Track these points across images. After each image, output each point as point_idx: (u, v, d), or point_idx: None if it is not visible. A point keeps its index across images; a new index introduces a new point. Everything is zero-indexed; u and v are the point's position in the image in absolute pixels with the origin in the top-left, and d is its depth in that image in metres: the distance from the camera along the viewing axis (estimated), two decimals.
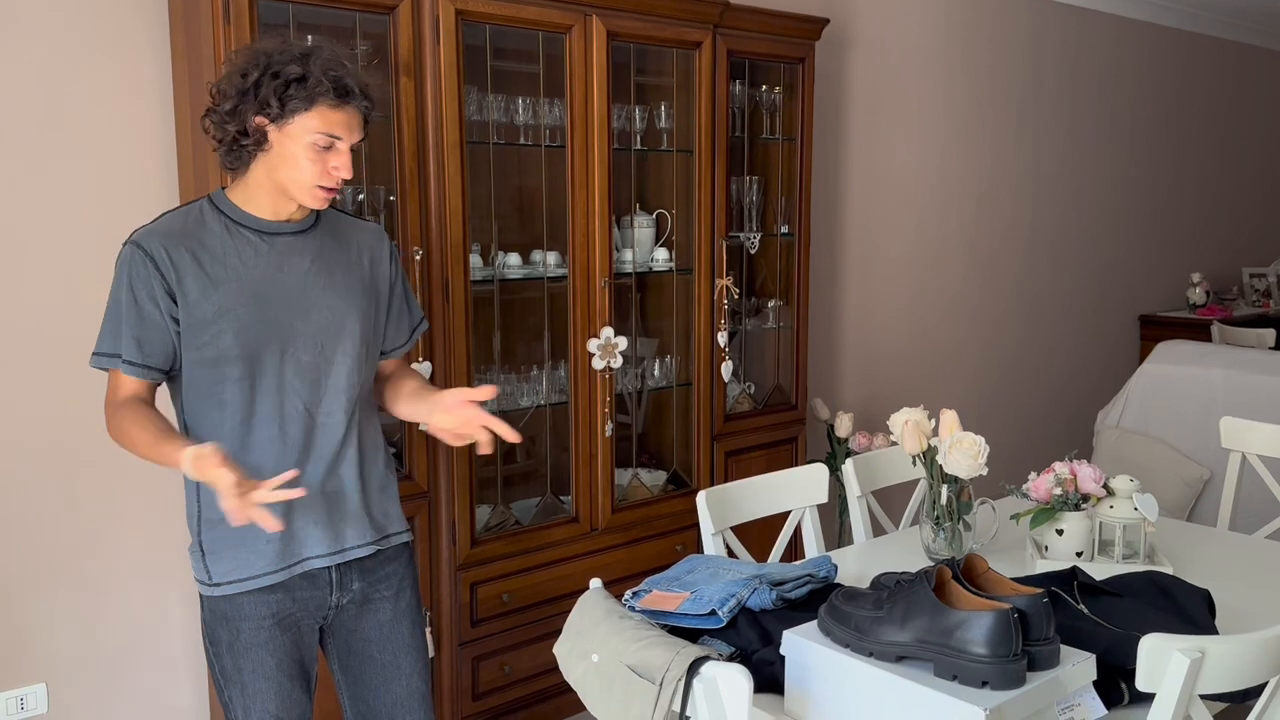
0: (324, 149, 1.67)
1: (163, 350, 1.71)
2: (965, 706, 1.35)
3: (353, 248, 1.85)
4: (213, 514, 1.74)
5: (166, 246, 1.68)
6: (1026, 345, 4.88)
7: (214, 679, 1.82)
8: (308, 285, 1.75)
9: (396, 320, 1.92)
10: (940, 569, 1.50)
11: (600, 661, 1.57)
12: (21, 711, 2.50)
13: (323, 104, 1.65)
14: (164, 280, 1.67)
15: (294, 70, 1.63)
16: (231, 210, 1.74)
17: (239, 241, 1.72)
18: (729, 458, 3.31)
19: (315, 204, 1.72)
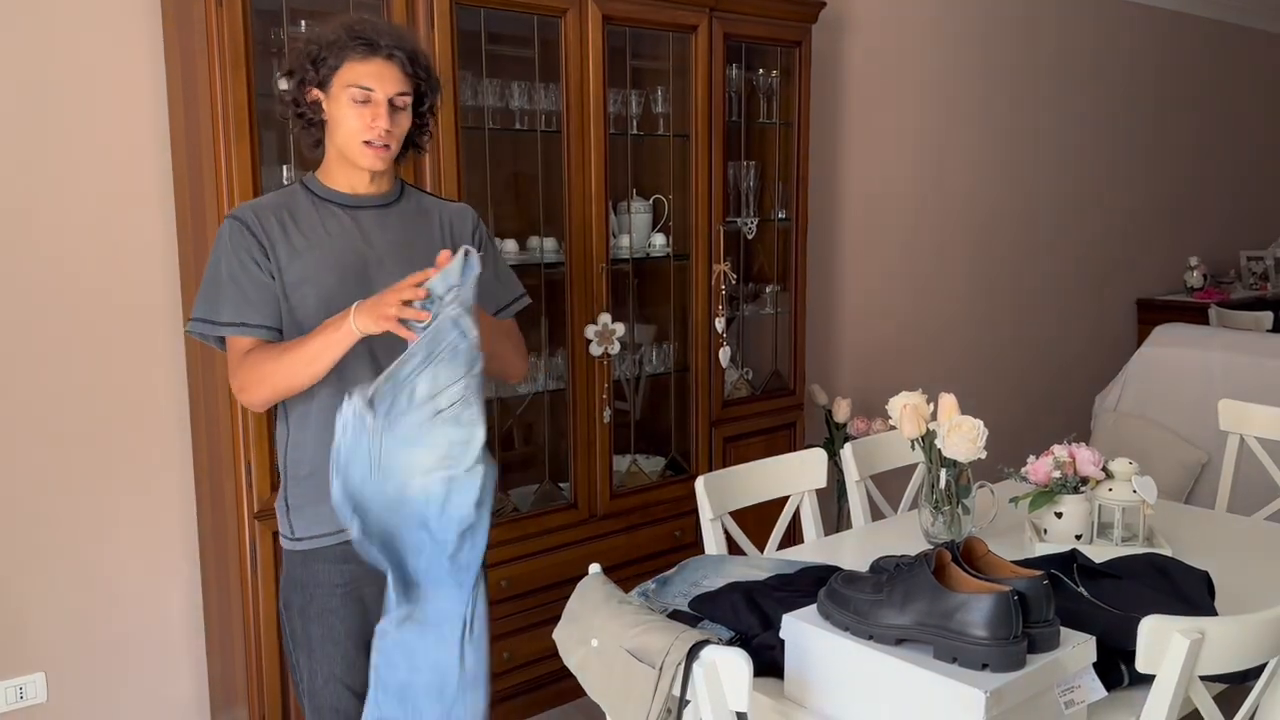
0: (362, 103, 1.75)
1: (273, 308, 1.78)
2: (965, 689, 1.35)
3: (435, 223, 1.91)
4: (299, 470, 1.83)
5: (259, 215, 1.79)
6: (1024, 329, 4.88)
7: (284, 640, 1.92)
8: (388, 257, 1.82)
9: (482, 295, 1.90)
10: (940, 552, 1.50)
11: (600, 646, 1.56)
12: (21, 701, 2.50)
13: (350, 59, 1.74)
14: (260, 245, 1.77)
15: (327, 36, 1.75)
16: (317, 187, 1.84)
17: (324, 214, 1.82)
18: (727, 443, 3.30)
19: (366, 162, 1.78)
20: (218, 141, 2.31)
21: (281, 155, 2.48)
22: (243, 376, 1.78)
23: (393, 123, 1.77)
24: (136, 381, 2.59)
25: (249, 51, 2.29)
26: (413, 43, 1.81)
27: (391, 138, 1.78)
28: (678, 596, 1.90)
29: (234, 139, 2.29)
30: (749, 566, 2.03)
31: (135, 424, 2.60)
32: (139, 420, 2.61)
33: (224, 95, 2.28)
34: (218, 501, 2.56)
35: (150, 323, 2.60)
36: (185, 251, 2.57)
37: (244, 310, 1.77)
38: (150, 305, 2.59)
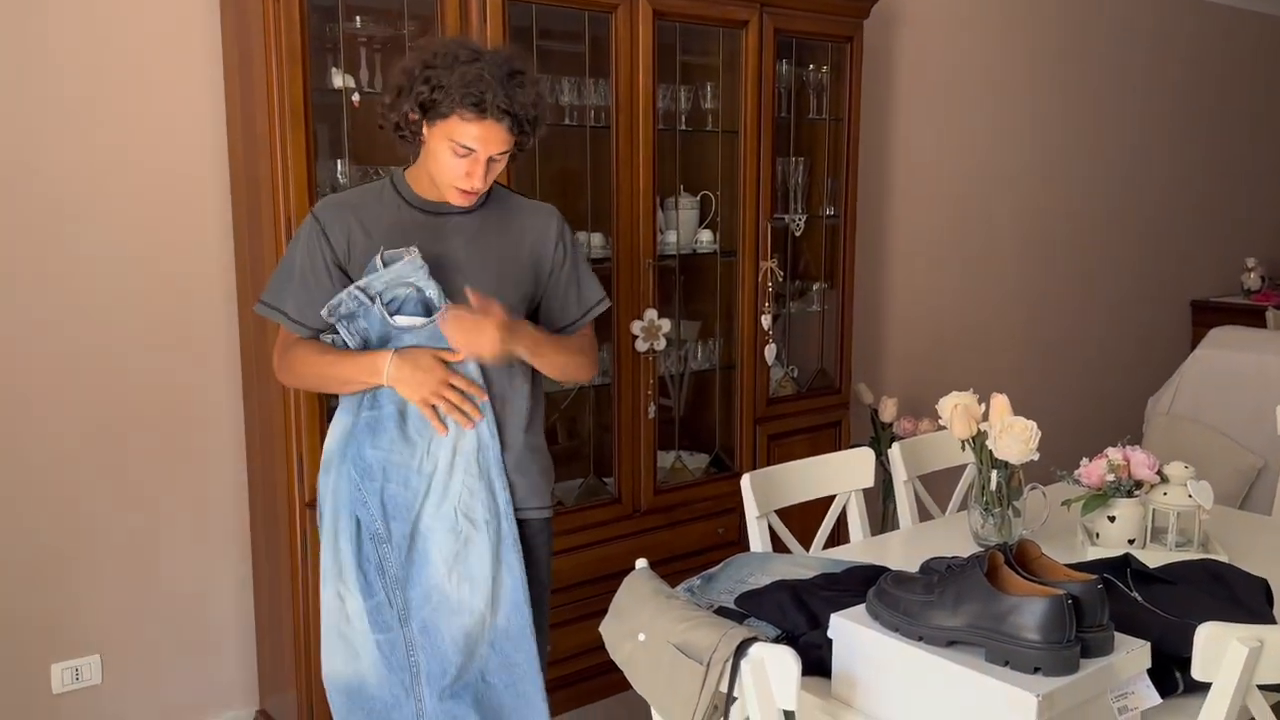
0: (463, 156, 1.75)
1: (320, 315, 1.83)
2: (1017, 692, 1.33)
3: (515, 229, 1.91)
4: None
5: (340, 217, 1.83)
6: (1076, 330, 4.80)
7: None
8: (462, 263, 1.83)
9: (562, 300, 1.95)
10: (993, 554, 1.48)
11: (647, 641, 1.57)
12: (77, 682, 2.56)
13: (459, 114, 1.72)
14: (334, 252, 1.82)
15: (441, 77, 1.71)
16: (404, 189, 1.86)
17: (405, 217, 1.84)
18: (771, 441, 3.29)
19: (456, 201, 1.81)
20: (273, 134, 2.34)
21: (335, 149, 2.51)
22: (282, 362, 1.87)
23: (488, 173, 1.79)
24: (191, 371, 2.64)
25: (305, 46, 2.32)
26: (524, 101, 1.75)
27: (485, 185, 1.80)
28: (723, 593, 1.90)
29: (289, 132, 2.32)
30: (795, 565, 2.03)
31: (189, 412, 2.65)
32: (193, 409, 2.65)
33: (280, 89, 2.31)
34: (269, 490, 2.59)
35: (205, 314, 2.64)
36: (240, 244, 2.61)
37: (305, 311, 1.83)
38: (205, 297, 2.64)
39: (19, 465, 2.45)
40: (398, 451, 1.78)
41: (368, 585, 1.80)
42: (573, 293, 1.96)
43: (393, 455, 1.78)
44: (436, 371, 1.75)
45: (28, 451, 2.45)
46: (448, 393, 1.76)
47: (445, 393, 1.76)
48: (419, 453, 1.79)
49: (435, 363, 1.75)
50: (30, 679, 2.50)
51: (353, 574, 1.80)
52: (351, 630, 1.81)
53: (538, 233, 1.92)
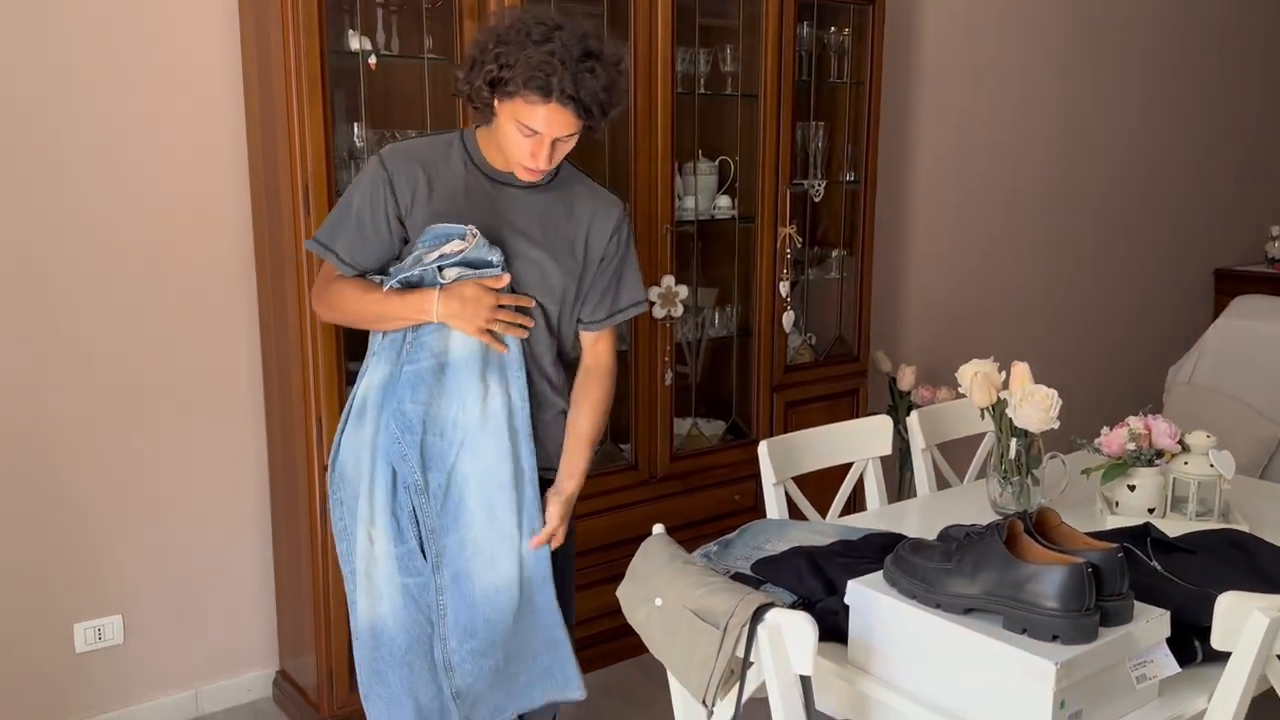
0: (529, 136, 1.74)
1: (374, 258, 1.85)
2: (1035, 660, 1.33)
3: (577, 212, 1.89)
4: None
5: (408, 169, 1.81)
6: (1097, 299, 4.76)
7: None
8: (516, 235, 1.82)
9: (599, 294, 1.92)
10: (1012, 521, 1.47)
11: (664, 605, 1.57)
12: (100, 642, 2.59)
13: (526, 95, 1.70)
14: (397, 205, 1.81)
15: (511, 55, 1.69)
16: (474, 151, 1.86)
17: (470, 179, 1.84)
18: (789, 409, 3.28)
19: (522, 176, 1.81)
20: (290, 98, 2.33)
21: (353, 112, 2.50)
22: (323, 294, 1.89)
23: (554, 154, 1.78)
24: (211, 335, 2.65)
25: (322, 11, 2.30)
26: (593, 88, 1.71)
27: (551, 165, 1.79)
28: (739, 559, 1.90)
29: (306, 96, 2.31)
30: (812, 532, 2.02)
31: (210, 377, 2.66)
32: (214, 373, 2.66)
33: (297, 52, 2.29)
34: (288, 455, 2.61)
35: (224, 277, 2.65)
36: (258, 208, 2.61)
37: (355, 252, 1.84)
38: (224, 260, 2.64)
39: (43, 429, 2.47)
40: (435, 404, 1.80)
41: (399, 532, 1.82)
42: (610, 291, 1.94)
43: (431, 408, 1.80)
44: (485, 299, 1.76)
45: (51, 416, 2.47)
46: (500, 314, 1.78)
47: (497, 315, 1.78)
48: (455, 406, 1.80)
49: (480, 290, 1.76)
50: (54, 638, 2.54)
51: (385, 519, 1.82)
52: (378, 573, 1.83)
53: (598, 221, 1.90)
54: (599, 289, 1.93)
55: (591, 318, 1.95)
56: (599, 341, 1.97)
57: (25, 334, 2.42)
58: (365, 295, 1.83)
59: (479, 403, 1.80)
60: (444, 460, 1.81)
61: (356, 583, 1.86)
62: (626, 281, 1.97)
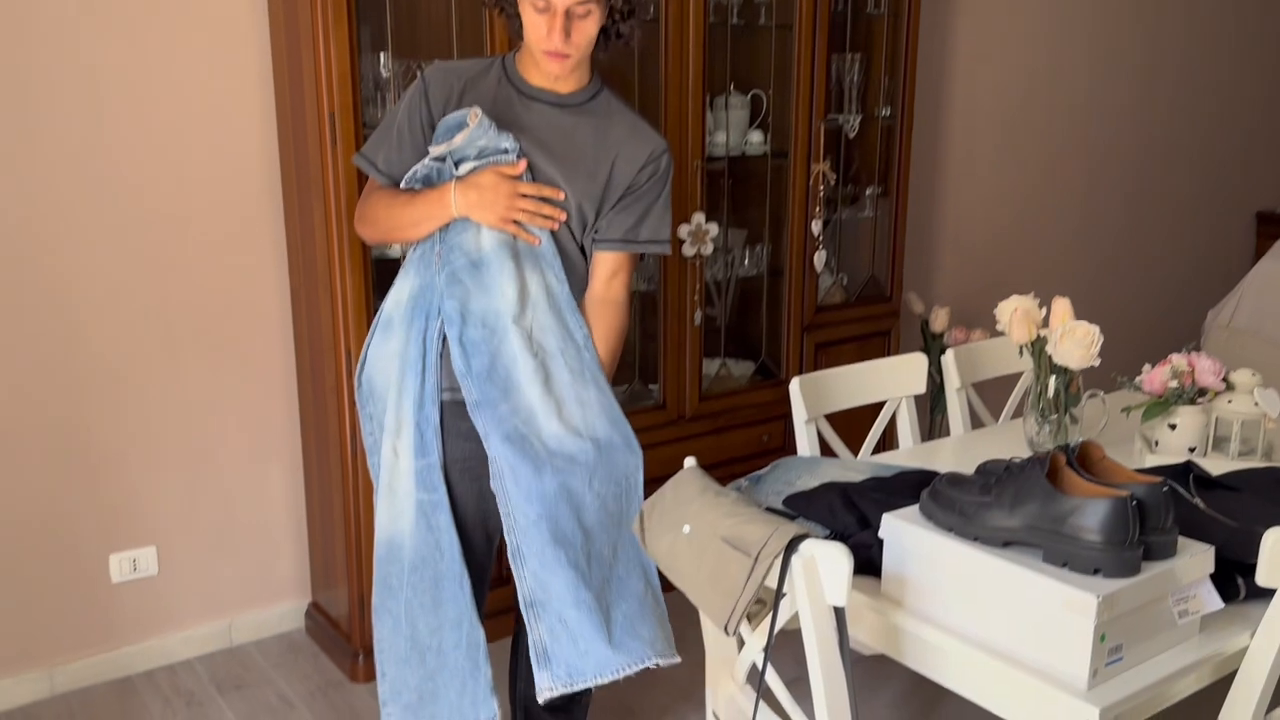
0: (542, 12, 1.71)
1: (410, 168, 1.82)
2: (1076, 593, 1.30)
3: (608, 138, 1.83)
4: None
5: (445, 80, 1.82)
6: (1135, 240, 4.66)
7: None
8: (535, 147, 1.79)
9: (619, 215, 1.85)
10: (1055, 454, 1.44)
11: (692, 533, 1.55)
12: (134, 572, 2.63)
13: None
14: (430, 113, 1.81)
15: None
16: (511, 70, 1.85)
17: (503, 93, 1.82)
18: (819, 350, 3.24)
19: (547, 67, 1.77)
20: (316, 28, 2.29)
21: (378, 42, 2.45)
22: (362, 209, 1.89)
23: (573, 32, 1.72)
24: (239, 265, 2.64)
25: None
26: None
27: (572, 46, 1.73)
28: (771, 495, 1.88)
29: (333, 24, 2.27)
30: (844, 469, 2.00)
31: (238, 308, 2.66)
32: (241, 304, 2.66)
33: None
34: (318, 386, 2.61)
35: (251, 211, 2.63)
36: (285, 139, 2.58)
37: (392, 163, 1.84)
38: (252, 190, 2.62)
39: (78, 363, 2.47)
40: (473, 299, 1.78)
41: (423, 445, 1.80)
42: (632, 218, 1.86)
43: (470, 303, 1.78)
44: (503, 186, 1.73)
45: (85, 350, 2.48)
46: (522, 203, 1.75)
47: (519, 204, 1.75)
48: (494, 298, 1.77)
49: (498, 178, 1.73)
50: (90, 569, 2.57)
51: (410, 432, 1.80)
52: (400, 486, 1.82)
53: (629, 149, 1.84)
54: (620, 212, 1.85)
55: (605, 234, 1.86)
56: (615, 275, 1.89)
57: (55, 268, 2.42)
58: (394, 199, 1.81)
59: (516, 293, 1.77)
60: (485, 346, 1.78)
61: (379, 495, 1.85)
62: (653, 217, 1.90)
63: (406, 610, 1.82)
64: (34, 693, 2.54)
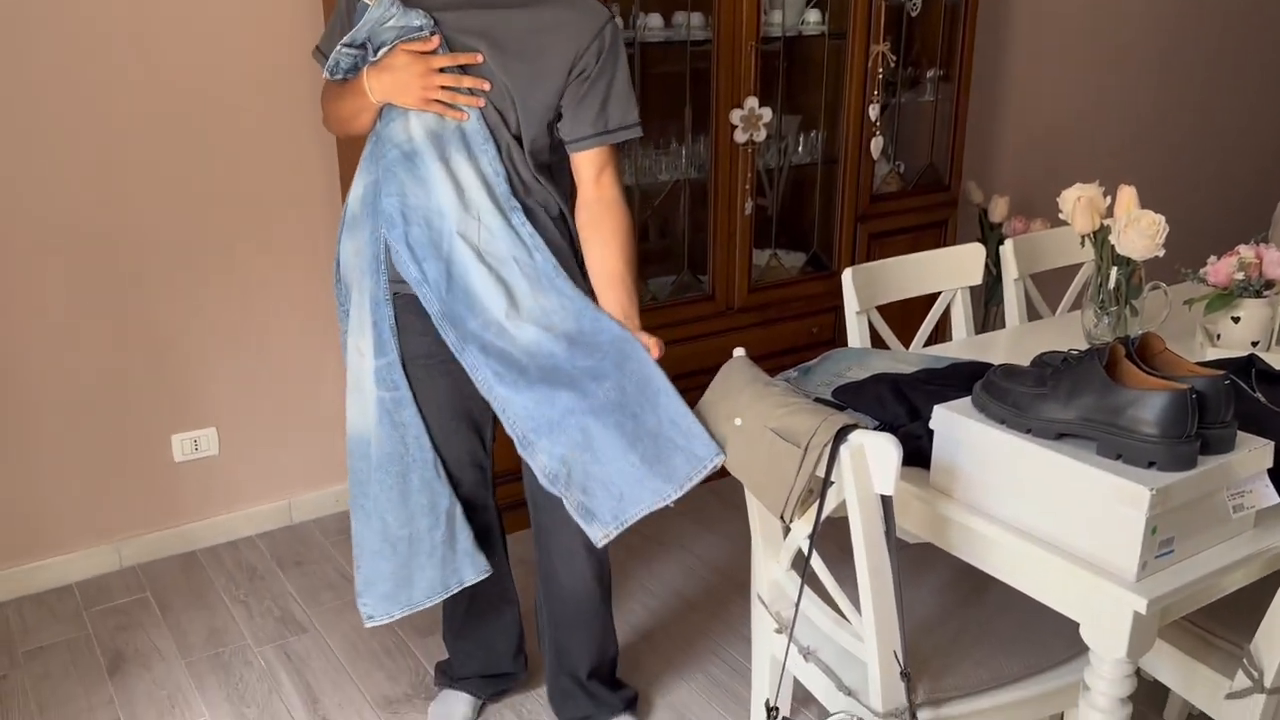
0: None
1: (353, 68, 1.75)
2: (1129, 485, 1.29)
3: (562, 23, 1.70)
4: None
5: None
6: (1206, 130, 4.47)
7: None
8: (501, 44, 1.68)
9: (580, 109, 1.73)
10: (1114, 346, 1.41)
11: (743, 425, 1.56)
12: (196, 452, 2.71)
13: None
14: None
15: None
16: None
17: None
18: (872, 240, 3.18)
19: None
20: None
21: None
22: (322, 104, 1.85)
23: None
24: (289, 157, 2.63)
25: None
26: None
27: None
28: (820, 386, 1.87)
29: None
30: (895, 360, 1.98)
31: (289, 198, 2.66)
32: (292, 194, 2.66)
33: None
34: None
35: (300, 97, 2.61)
36: None
37: (332, 62, 1.74)
38: (299, 80, 2.59)
39: (136, 251, 2.51)
40: (411, 195, 1.71)
41: (381, 344, 1.77)
42: (593, 108, 1.74)
43: (408, 199, 1.72)
44: (415, 65, 1.64)
45: (143, 238, 2.51)
46: (437, 79, 1.65)
47: (434, 80, 1.65)
48: (430, 193, 1.71)
49: (410, 57, 1.65)
50: (153, 448, 2.65)
51: (370, 331, 1.78)
52: (364, 384, 1.80)
53: (575, 29, 1.71)
54: (580, 105, 1.73)
55: (573, 134, 1.75)
56: (602, 172, 1.77)
57: (110, 158, 2.43)
58: (333, 94, 1.77)
59: (454, 191, 1.71)
60: (436, 249, 1.72)
61: (349, 392, 1.83)
62: (615, 100, 1.75)
63: (375, 505, 1.82)
64: (104, 565, 2.66)
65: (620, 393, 1.71)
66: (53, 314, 2.46)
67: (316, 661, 2.32)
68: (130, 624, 2.46)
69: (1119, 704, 1.41)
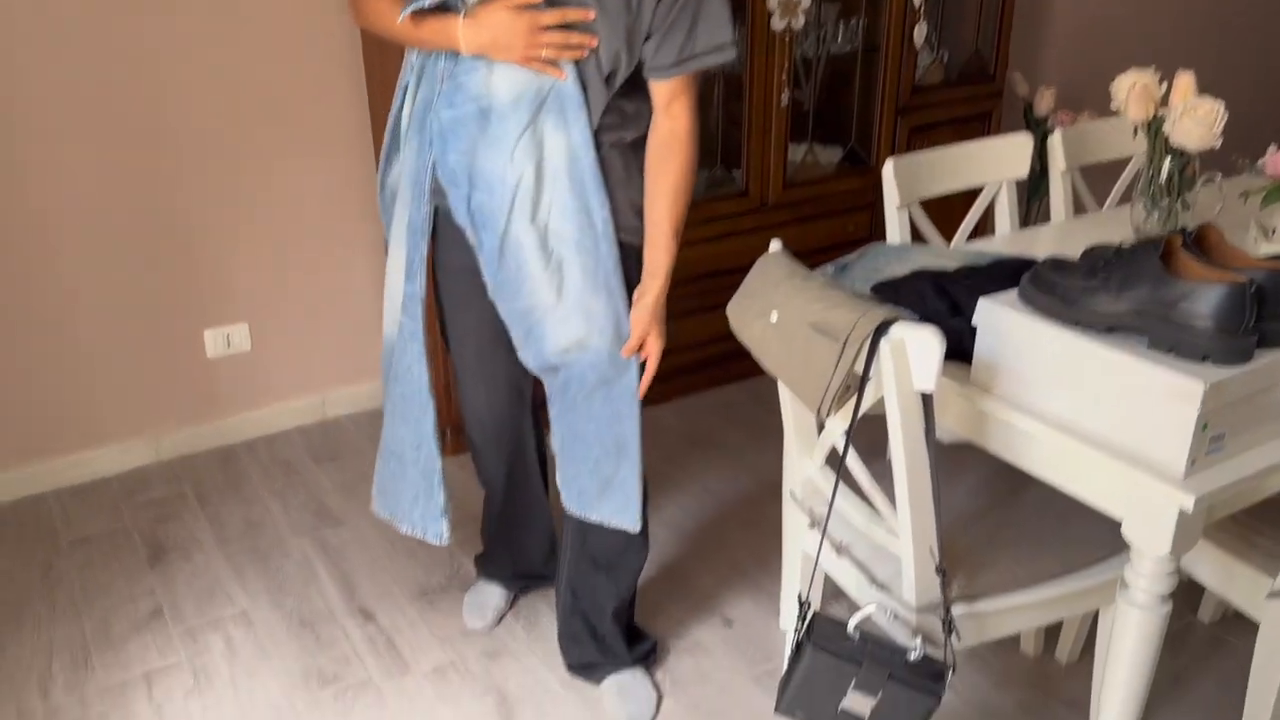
0: None
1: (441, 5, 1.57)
2: (1182, 379, 1.25)
3: None
4: None
5: None
6: (1269, 19, 4.25)
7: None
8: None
9: (666, 32, 1.54)
10: (1171, 237, 1.35)
11: (780, 320, 1.52)
12: (229, 348, 2.71)
13: None
14: None
15: None
16: None
17: None
18: (913, 134, 3.08)
19: None
20: None
21: None
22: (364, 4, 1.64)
23: None
24: (318, 54, 2.56)
25: None
26: None
27: None
28: (858, 283, 1.82)
29: None
30: (936, 256, 1.92)
31: (317, 95, 2.60)
32: (321, 91, 2.61)
33: None
34: None
35: None
36: None
37: None
38: None
39: (166, 147, 2.47)
40: (481, 156, 1.58)
41: (411, 272, 1.69)
42: (681, 30, 1.54)
43: (477, 160, 1.58)
44: (516, 23, 1.47)
45: (172, 135, 2.47)
46: (544, 37, 1.49)
47: (542, 38, 1.49)
48: (502, 158, 1.57)
49: (510, 14, 1.47)
50: (186, 344, 2.66)
51: (403, 257, 1.70)
52: (394, 301, 1.75)
53: None
54: (670, 31, 1.55)
55: (656, 61, 1.56)
56: (675, 100, 1.59)
57: (140, 54, 2.38)
58: (393, 11, 1.57)
59: (531, 151, 1.57)
60: (494, 221, 1.60)
61: (386, 297, 1.78)
62: (705, 19, 1.54)
63: (387, 410, 1.83)
64: (142, 458, 2.69)
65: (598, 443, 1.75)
66: (84, 208, 2.44)
67: (353, 553, 2.35)
68: (169, 516, 2.50)
69: (1159, 601, 1.40)
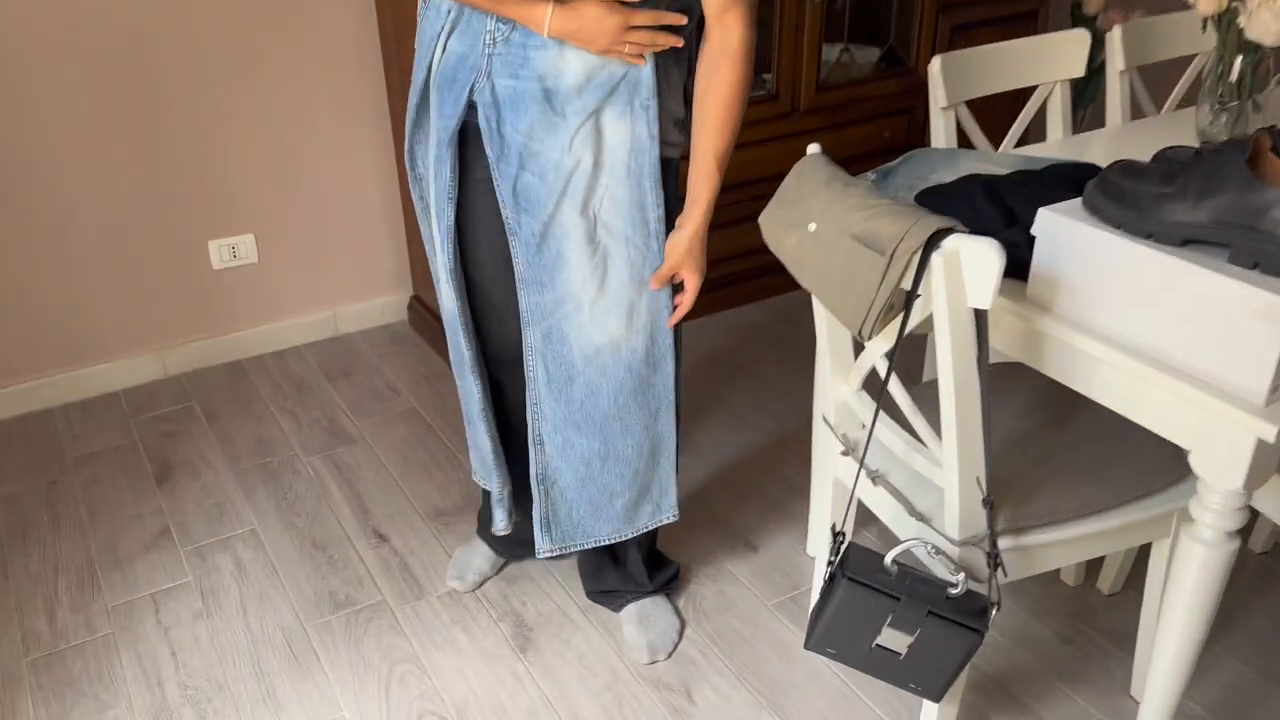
0: None
1: None
2: (1268, 297, 1.12)
3: None
4: None
5: None
6: None
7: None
8: None
9: None
10: (1259, 137, 1.21)
11: (818, 231, 1.39)
12: (235, 259, 2.61)
13: None
14: None
15: None
16: None
17: None
18: (954, 33, 2.90)
19: None
20: None
21: None
22: None
23: None
24: None
25: None
26: None
27: None
28: (902, 190, 1.69)
29: None
30: (985, 161, 1.78)
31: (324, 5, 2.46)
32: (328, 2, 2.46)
33: None
34: (406, 82, 2.44)
35: None
36: None
37: None
38: None
39: (167, 51, 2.33)
40: (537, 139, 1.47)
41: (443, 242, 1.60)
42: None
43: (532, 142, 1.47)
44: (608, 20, 1.38)
45: (172, 41, 2.33)
46: (631, 35, 1.41)
47: (630, 37, 1.41)
48: (560, 145, 1.47)
49: (604, 10, 1.38)
50: (191, 255, 2.56)
51: (434, 222, 1.61)
52: (440, 273, 1.65)
53: None
54: None
55: None
56: (728, 10, 1.44)
57: None
58: None
59: (591, 139, 1.47)
60: (540, 206, 1.50)
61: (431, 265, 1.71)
62: None
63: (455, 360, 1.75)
64: (149, 373, 2.62)
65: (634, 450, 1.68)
66: (84, 118, 2.32)
67: (366, 472, 2.28)
68: (177, 432, 2.43)
69: (1226, 538, 1.30)
